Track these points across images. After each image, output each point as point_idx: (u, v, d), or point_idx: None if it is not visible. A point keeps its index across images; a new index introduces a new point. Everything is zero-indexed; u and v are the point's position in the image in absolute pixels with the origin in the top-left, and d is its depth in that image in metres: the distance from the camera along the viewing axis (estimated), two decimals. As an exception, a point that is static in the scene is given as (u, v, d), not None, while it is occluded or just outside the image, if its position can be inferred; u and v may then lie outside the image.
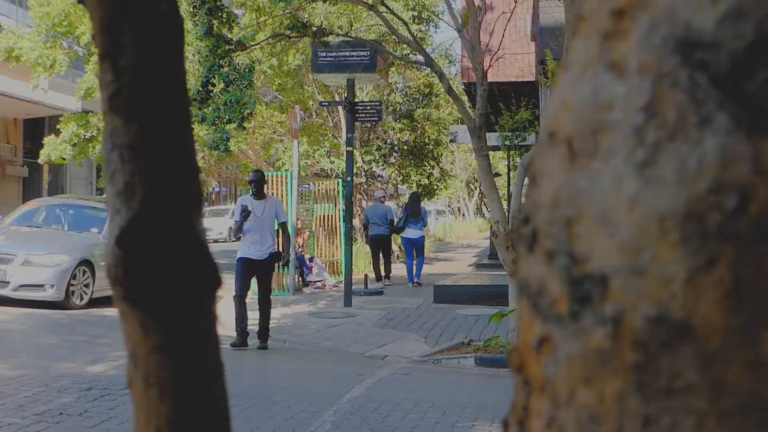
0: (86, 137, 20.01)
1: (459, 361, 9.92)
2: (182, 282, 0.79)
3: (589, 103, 0.53)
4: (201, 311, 0.82)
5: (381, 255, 18.31)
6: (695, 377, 0.49)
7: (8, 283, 12.61)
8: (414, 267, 18.01)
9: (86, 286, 13.26)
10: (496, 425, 6.74)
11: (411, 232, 18.05)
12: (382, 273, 18.31)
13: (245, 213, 10.06)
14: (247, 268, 10.17)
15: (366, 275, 17.28)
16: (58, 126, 20.81)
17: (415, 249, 18.01)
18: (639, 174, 0.51)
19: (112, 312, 12.82)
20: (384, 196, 19.93)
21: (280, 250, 10.87)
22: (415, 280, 17.83)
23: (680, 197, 0.50)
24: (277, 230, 10.72)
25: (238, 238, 10.34)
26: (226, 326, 11.66)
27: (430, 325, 12.20)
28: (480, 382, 8.87)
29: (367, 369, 9.08)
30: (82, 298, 13.13)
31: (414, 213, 18.19)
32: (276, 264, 10.76)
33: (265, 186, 11.15)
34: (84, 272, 13.19)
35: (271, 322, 12.15)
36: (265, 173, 15.06)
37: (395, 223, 18.41)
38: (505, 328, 10.39)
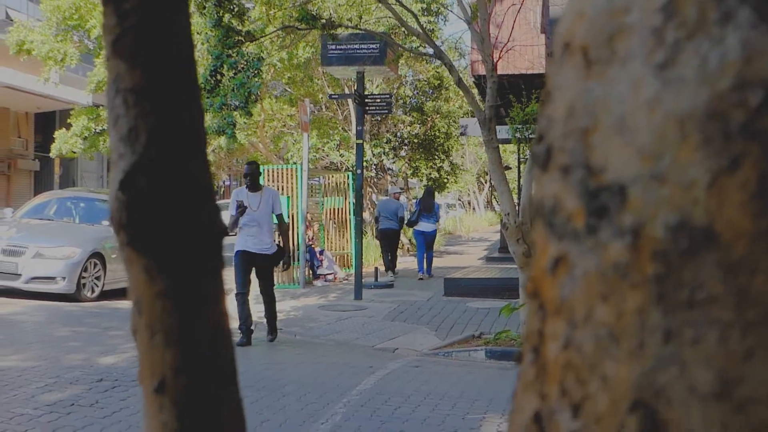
0: (97, 131, 20.04)
1: (469, 353, 9.90)
2: (187, 228, 0.79)
3: (605, 8, 0.51)
4: (205, 258, 0.81)
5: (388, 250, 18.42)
6: (719, 287, 0.47)
7: (20, 275, 12.66)
8: (425, 261, 18.17)
9: (97, 278, 13.30)
10: (506, 417, 6.72)
11: (424, 226, 18.17)
12: (391, 271, 18.39)
13: (241, 209, 9.74)
14: (246, 262, 9.81)
15: (376, 268, 17.29)
16: (68, 120, 20.86)
17: (426, 242, 18.08)
18: (658, 76, 0.49)
19: (123, 304, 12.87)
20: (398, 192, 20.06)
21: (280, 245, 10.45)
22: (426, 276, 17.92)
23: (701, 96, 0.48)
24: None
25: (235, 233, 10.01)
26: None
27: (440, 318, 12.20)
28: (490, 374, 8.86)
29: (378, 361, 9.08)
30: (93, 291, 13.17)
31: (427, 207, 18.32)
32: (280, 264, 10.41)
33: (261, 177, 10.73)
34: (95, 265, 13.23)
35: (281, 314, 12.16)
36: (275, 165, 15.03)
37: (409, 217, 18.63)
38: (515, 321, 10.37)
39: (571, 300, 0.54)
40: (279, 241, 10.55)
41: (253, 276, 9.93)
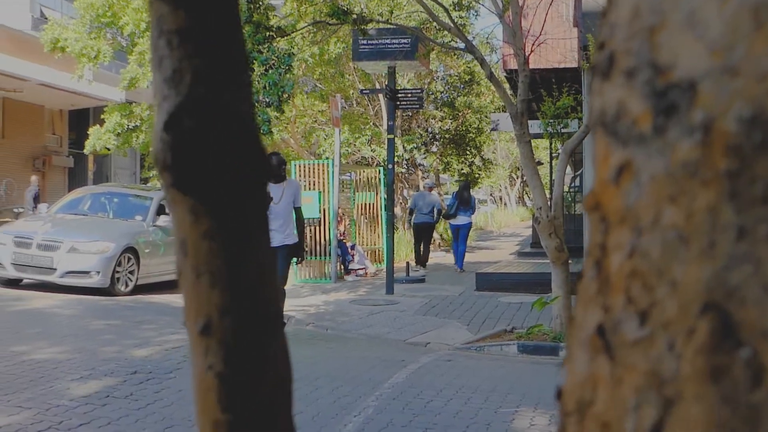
0: (130, 127, 20.20)
1: (501, 348, 9.88)
2: (232, 168, 0.78)
3: None
4: (251, 199, 0.81)
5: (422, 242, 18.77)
6: None
7: (55, 269, 12.81)
8: (458, 254, 18.58)
9: (131, 272, 13.42)
10: (539, 411, 6.70)
11: (460, 219, 18.47)
12: (427, 259, 18.84)
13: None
14: None
15: (408, 263, 17.30)
16: (102, 116, 21.03)
17: (459, 235, 18.42)
18: None
19: (156, 299, 12.99)
20: (433, 186, 20.27)
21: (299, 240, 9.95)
22: (457, 269, 18.18)
23: None
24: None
25: None
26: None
27: (472, 313, 12.17)
28: (523, 369, 8.82)
29: (410, 355, 9.08)
30: (127, 285, 13.29)
31: (464, 201, 18.54)
32: (295, 259, 10.02)
33: (284, 169, 10.20)
34: (129, 259, 13.35)
35: (311, 309, 12.22)
36: (306, 161, 15.08)
37: (446, 211, 18.93)
38: (547, 316, 10.32)
39: (636, 207, 0.53)
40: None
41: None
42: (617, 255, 0.55)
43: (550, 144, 23.87)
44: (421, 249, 18.63)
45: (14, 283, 13.38)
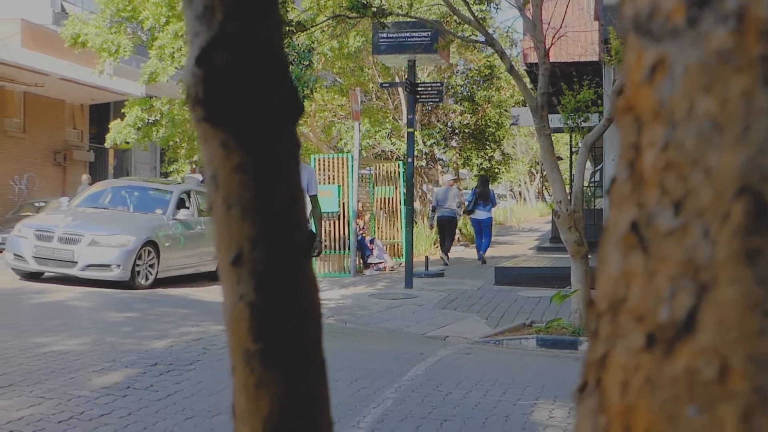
0: (150, 121, 20.29)
1: (520, 342, 9.85)
2: (264, 102, 0.79)
3: None
4: (282, 132, 0.81)
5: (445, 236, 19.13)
6: None
7: (76, 262, 12.88)
8: (479, 247, 18.90)
9: (151, 266, 13.47)
10: (558, 404, 6.68)
11: (480, 214, 18.75)
12: (448, 253, 19.10)
13: None
14: None
15: (427, 257, 17.30)
16: (122, 110, 21.15)
17: (482, 229, 18.68)
18: None
19: (176, 292, 13.04)
20: (453, 179, 20.57)
21: (314, 230, 9.46)
22: (481, 254, 18.59)
23: None
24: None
25: None
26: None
27: (491, 307, 12.15)
28: (542, 362, 8.80)
29: (429, 348, 9.07)
30: (147, 279, 13.35)
31: (483, 196, 18.79)
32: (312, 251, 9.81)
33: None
34: (149, 253, 13.40)
35: (330, 302, 12.22)
36: (326, 155, 15.08)
37: (466, 206, 19.17)
38: (566, 310, 10.28)
39: (670, 101, 0.53)
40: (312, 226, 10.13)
41: None
42: (651, 151, 0.56)
43: (570, 139, 23.76)
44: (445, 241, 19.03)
45: (36, 276, 13.48)
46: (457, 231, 23.43)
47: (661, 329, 0.54)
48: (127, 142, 20.61)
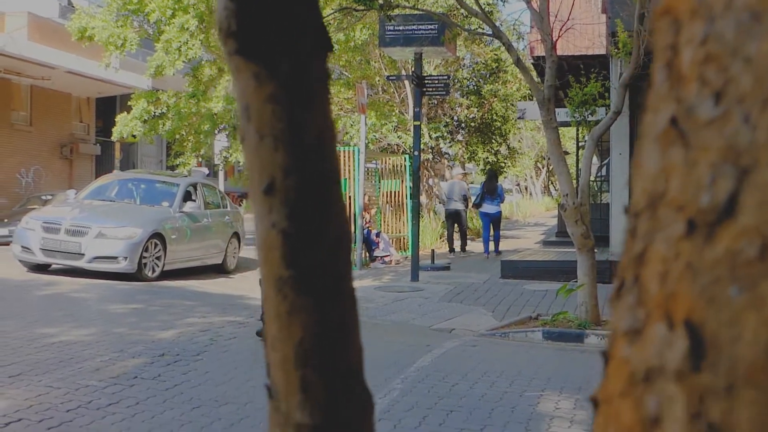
0: (156, 114, 20.30)
1: (526, 334, 9.84)
2: (295, 35, 0.80)
3: None
4: (313, 66, 0.82)
5: (458, 229, 19.51)
6: None
7: (83, 255, 12.91)
8: (491, 241, 19.08)
9: (158, 258, 13.50)
10: (564, 395, 6.70)
11: (488, 207, 18.94)
12: (455, 246, 19.50)
13: None
14: None
15: (433, 251, 17.31)
16: (129, 103, 21.17)
17: (492, 224, 18.87)
18: None
19: (183, 284, 13.07)
20: (462, 174, 20.92)
21: None
22: (492, 252, 18.79)
23: None
24: None
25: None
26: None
27: (497, 300, 12.15)
28: (548, 354, 8.81)
29: (435, 341, 9.09)
30: (154, 271, 13.37)
31: (490, 190, 19.01)
32: None
33: None
34: (156, 245, 13.43)
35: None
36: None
37: (474, 200, 19.34)
38: (573, 303, 10.27)
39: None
40: None
41: None
42: (689, 48, 0.57)
43: (577, 133, 23.72)
44: (454, 235, 19.37)
45: (43, 269, 13.51)
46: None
47: (701, 215, 0.55)
48: (134, 136, 20.62)
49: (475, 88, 25.88)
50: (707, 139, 0.56)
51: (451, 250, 19.28)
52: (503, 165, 27.53)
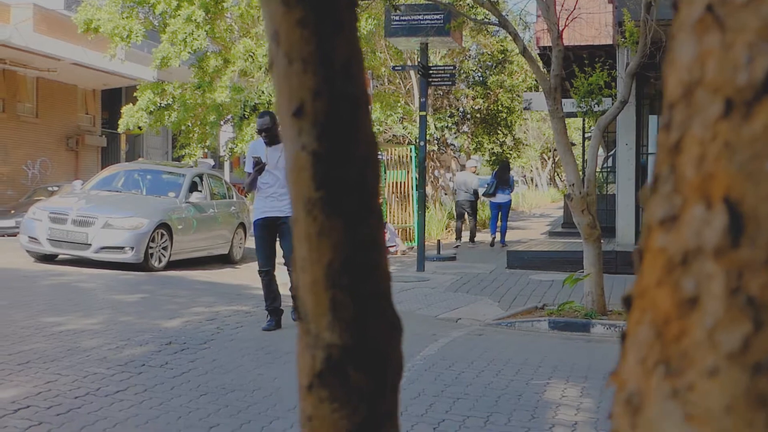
0: (162, 105, 20.32)
1: (532, 324, 9.84)
2: None
3: None
4: None
5: (466, 220, 19.91)
6: None
7: (90, 245, 12.94)
8: (498, 232, 19.38)
9: (164, 248, 13.52)
10: (571, 383, 6.70)
11: (500, 197, 19.17)
12: (463, 237, 19.72)
13: (258, 166, 8.33)
14: (268, 232, 8.42)
15: (439, 241, 17.33)
16: (135, 94, 21.18)
17: (501, 213, 19.13)
18: None
19: (189, 274, 13.10)
20: (475, 166, 21.02)
21: None
22: (498, 242, 18.99)
23: None
24: None
25: (252, 192, 8.68)
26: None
27: (503, 290, 12.16)
28: (554, 344, 8.81)
29: (441, 330, 9.10)
30: (160, 261, 13.40)
31: (503, 180, 19.19)
32: None
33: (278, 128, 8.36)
34: (162, 235, 13.45)
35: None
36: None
37: (485, 190, 19.52)
38: (579, 293, 10.28)
39: None
40: None
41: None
42: None
43: (583, 124, 23.70)
44: (463, 225, 19.68)
45: (50, 259, 13.56)
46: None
47: (739, 94, 0.56)
48: (140, 127, 20.63)
49: (481, 79, 25.85)
50: (743, 20, 0.56)
51: (458, 238, 19.50)
52: (509, 156, 27.51)
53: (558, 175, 53.77)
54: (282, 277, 8.90)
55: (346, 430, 0.88)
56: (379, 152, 18.83)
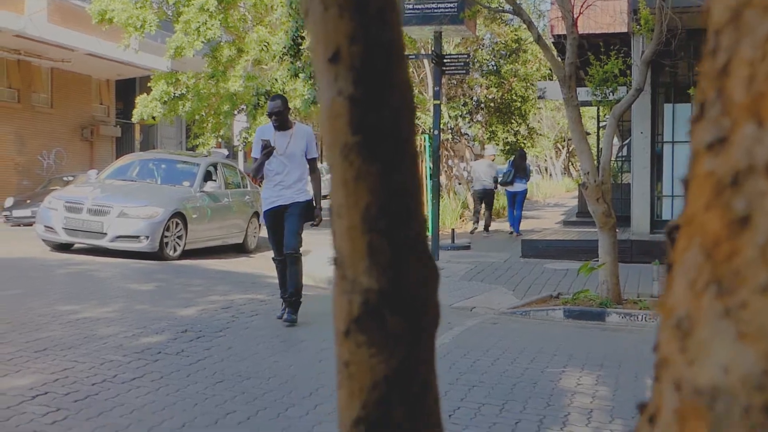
0: (176, 95, 20.36)
1: (547, 313, 9.83)
2: None
3: None
4: None
5: (482, 209, 19.92)
6: None
7: (105, 234, 12.99)
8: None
9: (179, 237, 13.56)
10: (586, 371, 6.69)
11: (517, 186, 19.32)
12: (478, 226, 19.89)
13: (267, 149, 8.01)
14: (277, 222, 8.20)
15: (453, 230, 17.30)
16: (149, 84, 21.24)
17: (515, 201, 19.27)
18: None
19: (204, 263, 13.14)
20: (494, 154, 21.21)
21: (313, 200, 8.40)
22: (513, 233, 19.06)
23: None
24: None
25: (261, 179, 8.35)
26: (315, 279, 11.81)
27: (517, 279, 12.14)
28: (569, 332, 8.80)
29: (455, 319, 9.09)
30: (175, 250, 13.44)
31: (520, 169, 19.32)
32: (310, 221, 8.39)
33: (289, 113, 8.54)
34: (177, 224, 13.49)
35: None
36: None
37: (504, 178, 19.60)
38: (594, 282, 10.25)
39: None
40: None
41: None
42: None
43: (598, 113, 23.61)
44: (482, 214, 19.77)
45: (66, 248, 13.62)
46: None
47: None
48: (154, 117, 20.69)
49: (495, 67, 25.77)
50: None
51: (477, 222, 19.77)
52: (523, 145, 27.44)
53: (572, 164, 53.61)
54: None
55: (383, 374, 0.88)
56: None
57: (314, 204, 8.31)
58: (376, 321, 0.88)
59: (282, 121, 8.10)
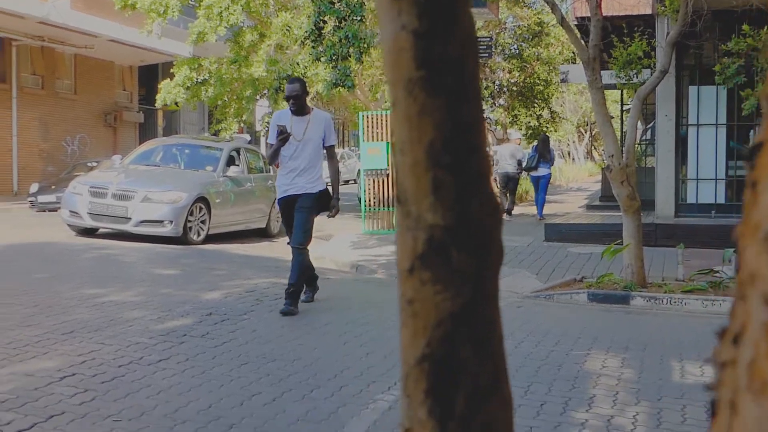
0: (198, 81, 20.38)
1: (571, 296, 9.79)
2: None
3: None
4: None
5: (507, 192, 19.88)
6: None
7: (130, 218, 13.07)
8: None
9: (203, 222, 13.62)
10: (611, 354, 6.67)
11: (541, 170, 19.26)
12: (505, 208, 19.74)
13: (283, 135, 7.75)
14: (290, 211, 7.99)
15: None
16: (171, 70, 21.28)
17: (539, 185, 19.23)
18: None
19: (228, 247, 13.19)
20: (519, 138, 21.22)
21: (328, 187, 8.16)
22: (537, 217, 18.94)
23: None
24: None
25: (275, 165, 7.86)
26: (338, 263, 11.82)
27: (541, 263, 12.10)
28: (593, 315, 8.77)
29: (479, 302, 9.07)
30: (199, 234, 13.50)
31: (544, 153, 19.25)
32: (325, 212, 8.20)
33: (307, 98, 8.24)
34: (200, 209, 13.55)
35: (381, 258, 12.22)
36: (374, 111, 14.99)
37: (528, 163, 19.58)
38: (618, 265, 10.19)
39: None
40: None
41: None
42: None
43: (621, 96, 23.44)
44: (507, 198, 19.74)
45: (90, 232, 13.72)
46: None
47: None
48: (176, 103, 20.73)
49: (517, 51, 25.64)
50: None
51: (506, 211, 19.69)
52: (545, 129, 27.32)
53: (595, 148, 53.29)
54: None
55: (448, 312, 0.87)
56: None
57: (331, 194, 8.12)
58: (441, 258, 0.87)
59: (300, 106, 7.88)
